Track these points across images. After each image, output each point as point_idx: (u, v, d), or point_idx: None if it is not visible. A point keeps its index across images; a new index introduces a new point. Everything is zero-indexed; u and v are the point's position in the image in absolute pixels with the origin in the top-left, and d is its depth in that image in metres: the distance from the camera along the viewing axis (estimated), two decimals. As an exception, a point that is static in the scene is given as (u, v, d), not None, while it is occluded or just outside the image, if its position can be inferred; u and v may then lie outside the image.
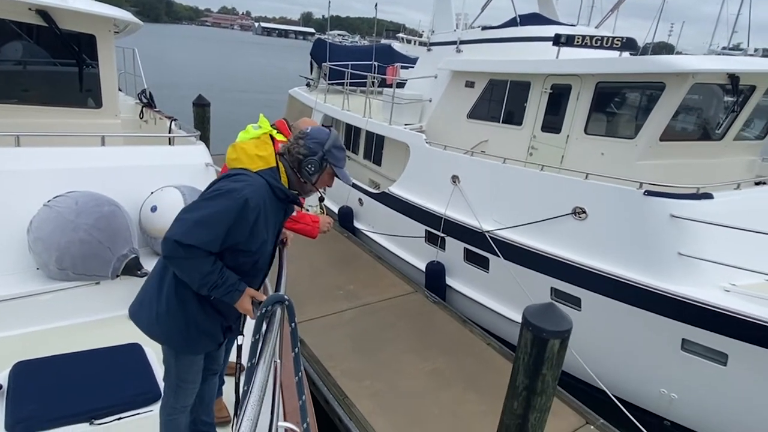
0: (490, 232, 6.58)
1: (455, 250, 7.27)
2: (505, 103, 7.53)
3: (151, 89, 7.10)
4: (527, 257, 6.16)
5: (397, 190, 8.33)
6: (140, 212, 4.45)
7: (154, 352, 3.43)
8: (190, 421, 2.71)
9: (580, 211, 5.72)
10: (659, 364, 5.32)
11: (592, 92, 6.34)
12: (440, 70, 8.61)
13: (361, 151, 10.69)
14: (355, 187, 9.65)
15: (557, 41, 6.70)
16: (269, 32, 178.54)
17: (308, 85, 14.05)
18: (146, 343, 3.12)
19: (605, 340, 5.63)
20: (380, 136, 9.55)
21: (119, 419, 3.04)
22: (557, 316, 3.20)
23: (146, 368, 3.44)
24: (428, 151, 7.86)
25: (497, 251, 6.44)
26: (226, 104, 23.01)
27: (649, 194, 5.24)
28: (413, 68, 10.69)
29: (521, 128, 7.29)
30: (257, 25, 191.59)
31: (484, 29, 8.83)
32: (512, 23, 8.45)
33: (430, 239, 7.74)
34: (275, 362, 2.42)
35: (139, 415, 3.09)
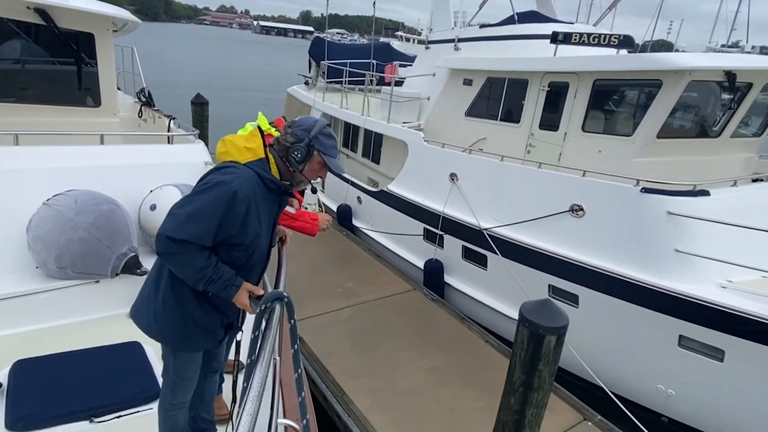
0: (488, 229, 6.60)
1: (453, 247, 7.29)
2: (503, 100, 7.54)
3: (149, 88, 7.10)
4: (525, 255, 6.18)
5: (395, 188, 8.34)
6: (139, 211, 4.46)
7: (153, 350, 3.45)
8: (190, 418, 2.72)
9: (577, 208, 5.74)
10: (656, 360, 5.35)
11: (589, 90, 6.35)
12: (438, 68, 8.62)
13: (359, 149, 10.70)
14: (353, 185, 9.67)
15: (555, 39, 6.71)
16: (268, 31, 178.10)
17: (307, 83, 14.04)
18: (146, 341, 3.14)
19: (603, 336, 5.65)
20: (378, 134, 9.56)
21: (119, 417, 3.05)
22: (553, 312, 3.22)
23: (146, 366, 3.46)
24: (426, 149, 7.87)
25: (495, 249, 6.46)
26: (224, 103, 22.98)
27: (646, 191, 5.26)
28: (412, 66, 10.69)
29: (519, 126, 7.30)
30: (256, 23, 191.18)
31: (482, 27, 8.83)
32: (510, 21, 8.45)
33: (428, 237, 7.76)
34: (274, 359, 2.44)
35: (138, 413, 3.10)
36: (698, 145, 6.47)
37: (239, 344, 2.54)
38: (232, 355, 2.87)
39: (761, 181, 6.49)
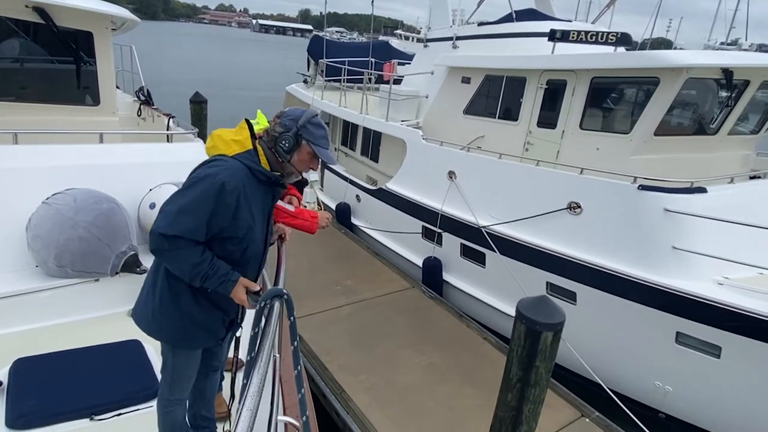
0: (486, 227, 6.62)
1: (452, 245, 7.31)
2: (501, 98, 7.55)
3: (148, 86, 7.10)
4: (523, 252, 6.20)
5: (394, 186, 8.36)
6: (139, 209, 4.47)
7: (153, 348, 3.46)
8: (190, 416, 2.74)
9: (575, 205, 5.75)
10: (654, 357, 5.37)
11: (587, 87, 6.37)
12: (437, 66, 8.63)
13: (358, 147, 10.71)
14: (352, 183, 9.68)
15: (552, 37, 6.72)
16: (267, 29, 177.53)
17: (305, 81, 14.03)
18: (146, 339, 3.13)
19: (600, 333, 5.68)
20: (377, 132, 9.57)
21: (119, 415, 3.06)
22: (550, 308, 3.23)
23: (146, 364, 3.47)
24: (425, 147, 7.89)
25: (493, 246, 6.48)
26: (223, 101, 22.92)
27: (643, 189, 5.28)
28: (410, 64, 10.70)
29: (517, 124, 7.32)
30: (255, 22, 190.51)
31: (480, 25, 8.83)
32: (508, 19, 8.46)
33: (426, 235, 7.77)
34: (274, 356, 2.45)
35: (138, 411, 3.12)
36: (696, 142, 6.49)
37: (238, 341, 2.54)
38: (231, 352, 2.89)
39: (758, 178, 6.51)
